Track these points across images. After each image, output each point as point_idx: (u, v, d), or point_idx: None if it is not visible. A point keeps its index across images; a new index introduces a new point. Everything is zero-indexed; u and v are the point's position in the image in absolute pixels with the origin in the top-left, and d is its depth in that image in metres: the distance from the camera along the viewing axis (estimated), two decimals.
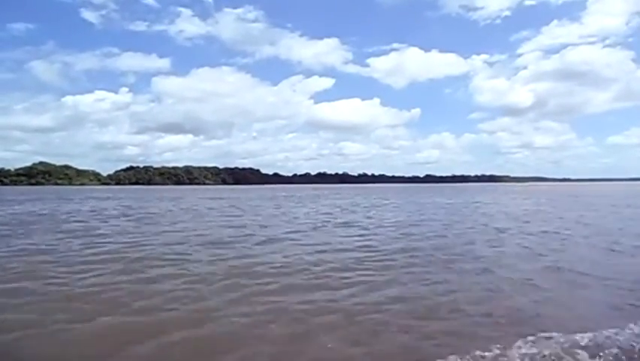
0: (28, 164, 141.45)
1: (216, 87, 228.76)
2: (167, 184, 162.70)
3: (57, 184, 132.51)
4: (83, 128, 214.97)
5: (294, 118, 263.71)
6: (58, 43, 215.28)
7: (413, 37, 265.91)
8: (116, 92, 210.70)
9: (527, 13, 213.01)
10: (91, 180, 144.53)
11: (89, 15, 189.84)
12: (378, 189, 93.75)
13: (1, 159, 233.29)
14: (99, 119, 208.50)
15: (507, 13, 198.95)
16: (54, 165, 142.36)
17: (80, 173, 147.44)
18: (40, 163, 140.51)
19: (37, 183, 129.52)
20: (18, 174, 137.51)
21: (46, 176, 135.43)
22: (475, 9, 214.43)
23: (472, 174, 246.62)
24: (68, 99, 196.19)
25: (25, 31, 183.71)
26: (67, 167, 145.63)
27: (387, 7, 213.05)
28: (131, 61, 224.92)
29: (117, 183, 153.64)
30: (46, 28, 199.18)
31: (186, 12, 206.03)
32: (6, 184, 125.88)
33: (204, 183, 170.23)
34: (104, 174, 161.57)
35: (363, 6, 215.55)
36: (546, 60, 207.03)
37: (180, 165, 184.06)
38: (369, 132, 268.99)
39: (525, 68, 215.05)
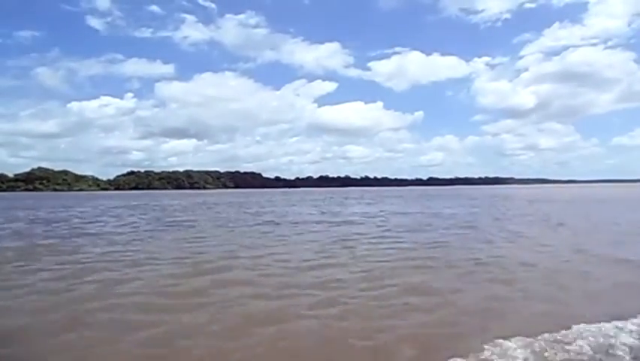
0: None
1: (219, 92, 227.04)
2: (168, 189, 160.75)
3: (55, 190, 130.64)
4: (89, 133, 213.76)
5: (298, 122, 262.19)
6: (63, 50, 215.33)
7: (414, 40, 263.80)
8: (121, 98, 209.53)
9: (528, 16, 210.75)
10: (90, 186, 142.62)
11: (94, 22, 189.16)
12: (356, 192, 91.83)
13: (7, 164, 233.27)
14: (104, 124, 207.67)
15: (507, 15, 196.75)
16: (52, 171, 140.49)
17: (79, 178, 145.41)
18: (39, 168, 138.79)
19: (35, 189, 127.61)
20: (16, 180, 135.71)
21: (45, 181, 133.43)
22: (475, 12, 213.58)
23: (477, 176, 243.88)
24: (74, 105, 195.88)
25: (31, 39, 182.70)
26: (65, 172, 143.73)
27: (387, 11, 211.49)
28: (135, 67, 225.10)
29: (117, 188, 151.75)
30: (52, 35, 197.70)
31: (190, 18, 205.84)
32: (3, 190, 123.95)
33: (205, 188, 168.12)
34: (106, 179, 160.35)
35: (363, 10, 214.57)
36: (548, 62, 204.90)
37: (185, 169, 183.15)
38: (372, 135, 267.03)
39: (527, 70, 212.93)
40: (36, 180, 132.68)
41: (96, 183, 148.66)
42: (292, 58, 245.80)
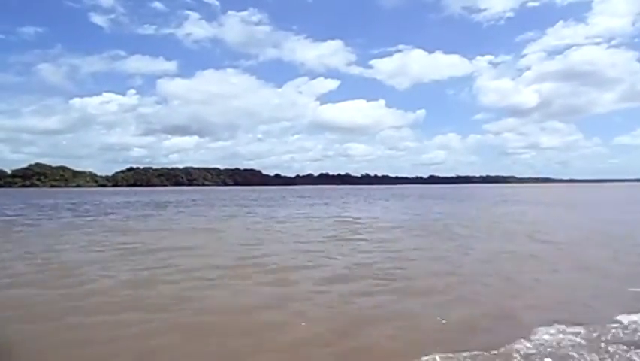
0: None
1: (221, 89, 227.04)
2: (166, 185, 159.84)
3: (53, 186, 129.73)
4: (91, 130, 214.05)
5: (300, 119, 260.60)
6: (66, 47, 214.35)
7: (416, 38, 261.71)
8: (124, 95, 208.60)
9: (531, 15, 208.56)
10: (87, 182, 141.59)
11: (98, 19, 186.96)
12: (339, 190, 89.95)
13: (10, 160, 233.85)
14: (106, 121, 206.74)
15: (510, 14, 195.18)
16: (50, 167, 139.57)
17: (77, 174, 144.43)
18: (37, 165, 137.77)
19: (33, 185, 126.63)
20: (13, 176, 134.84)
21: (42, 178, 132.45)
22: (478, 10, 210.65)
23: (478, 175, 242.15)
24: (76, 101, 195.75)
25: (34, 35, 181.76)
26: (63, 168, 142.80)
27: (389, 9, 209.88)
28: (138, 63, 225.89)
29: (115, 185, 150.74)
30: (54, 31, 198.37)
31: (194, 15, 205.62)
32: (1, 186, 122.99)
33: (203, 185, 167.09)
34: (103, 175, 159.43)
35: (366, 8, 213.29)
36: (551, 61, 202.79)
37: (185, 166, 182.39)
38: (374, 133, 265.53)
39: (529, 68, 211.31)
40: (33, 176, 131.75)
41: (94, 180, 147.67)
42: (294, 55, 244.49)
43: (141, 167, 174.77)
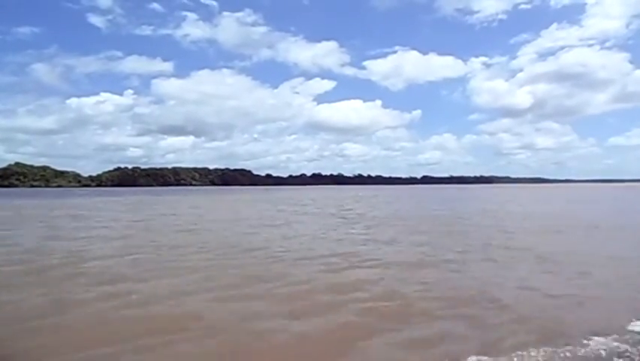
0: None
1: (217, 89, 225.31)
2: (153, 185, 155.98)
3: (33, 186, 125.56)
4: (87, 130, 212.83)
5: (296, 120, 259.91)
6: (62, 47, 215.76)
7: (410, 40, 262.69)
8: (121, 95, 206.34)
9: (525, 17, 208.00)
10: (70, 182, 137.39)
11: (95, 20, 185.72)
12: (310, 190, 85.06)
13: (6, 160, 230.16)
14: (103, 121, 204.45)
15: (503, 16, 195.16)
16: (30, 166, 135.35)
17: (59, 174, 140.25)
18: (16, 164, 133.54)
19: (11, 185, 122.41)
20: None
21: (21, 177, 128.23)
22: (471, 12, 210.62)
23: (473, 175, 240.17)
24: (72, 101, 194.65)
25: (30, 35, 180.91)
26: (44, 168, 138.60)
27: (383, 10, 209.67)
28: (135, 64, 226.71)
29: (99, 185, 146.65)
30: (51, 32, 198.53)
31: (191, 16, 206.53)
32: None
33: (191, 185, 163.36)
34: (88, 175, 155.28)
35: (360, 9, 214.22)
36: (545, 62, 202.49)
37: (173, 166, 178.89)
38: (370, 134, 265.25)
39: (522, 70, 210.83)
40: (12, 176, 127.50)
41: (77, 180, 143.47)
42: (289, 56, 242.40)
43: (129, 166, 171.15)
